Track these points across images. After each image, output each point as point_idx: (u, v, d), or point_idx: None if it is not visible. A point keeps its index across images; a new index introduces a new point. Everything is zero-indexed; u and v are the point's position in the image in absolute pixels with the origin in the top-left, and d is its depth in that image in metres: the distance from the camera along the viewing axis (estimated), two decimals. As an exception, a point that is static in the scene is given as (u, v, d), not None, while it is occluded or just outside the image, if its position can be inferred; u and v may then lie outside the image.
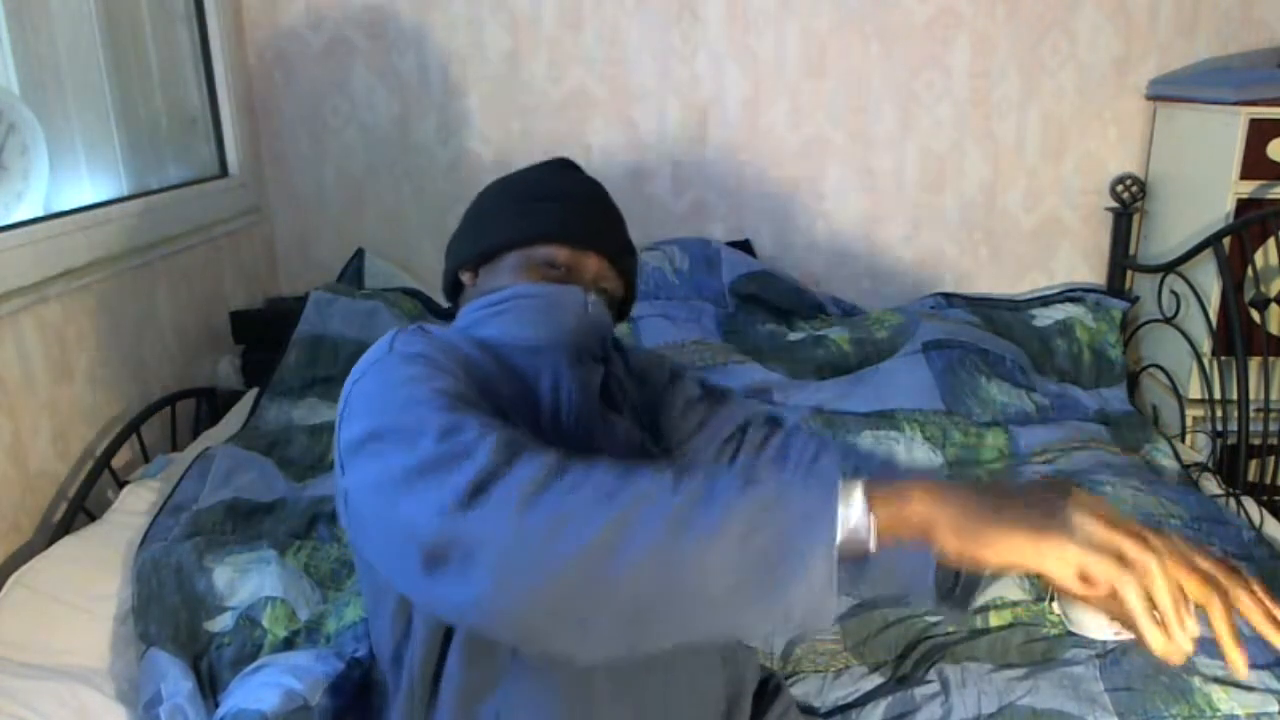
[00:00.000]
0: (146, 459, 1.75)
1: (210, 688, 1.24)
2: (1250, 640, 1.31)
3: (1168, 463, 1.92)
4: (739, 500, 0.64)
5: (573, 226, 1.02)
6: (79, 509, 1.53)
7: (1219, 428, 2.00)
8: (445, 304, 2.30)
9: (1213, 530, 1.61)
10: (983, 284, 2.51)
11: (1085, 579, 0.62)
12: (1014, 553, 0.61)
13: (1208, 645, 1.28)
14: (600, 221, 1.05)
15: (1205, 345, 2.08)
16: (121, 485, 1.63)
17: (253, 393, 2.05)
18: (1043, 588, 1.46)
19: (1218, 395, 2.00)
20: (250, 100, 2.38)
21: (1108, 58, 2.35)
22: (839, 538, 0.62)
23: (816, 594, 0.62)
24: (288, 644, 1.32)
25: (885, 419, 1.99)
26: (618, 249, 1.06)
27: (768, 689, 1.08)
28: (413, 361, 0.83)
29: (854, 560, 0.63)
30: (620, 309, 1.10)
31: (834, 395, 2.12)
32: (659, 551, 0.62)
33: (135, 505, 1.55)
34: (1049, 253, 2.50)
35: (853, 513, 0.63)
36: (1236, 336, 1.92)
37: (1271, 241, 1.99)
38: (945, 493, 0.63)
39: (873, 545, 0.63)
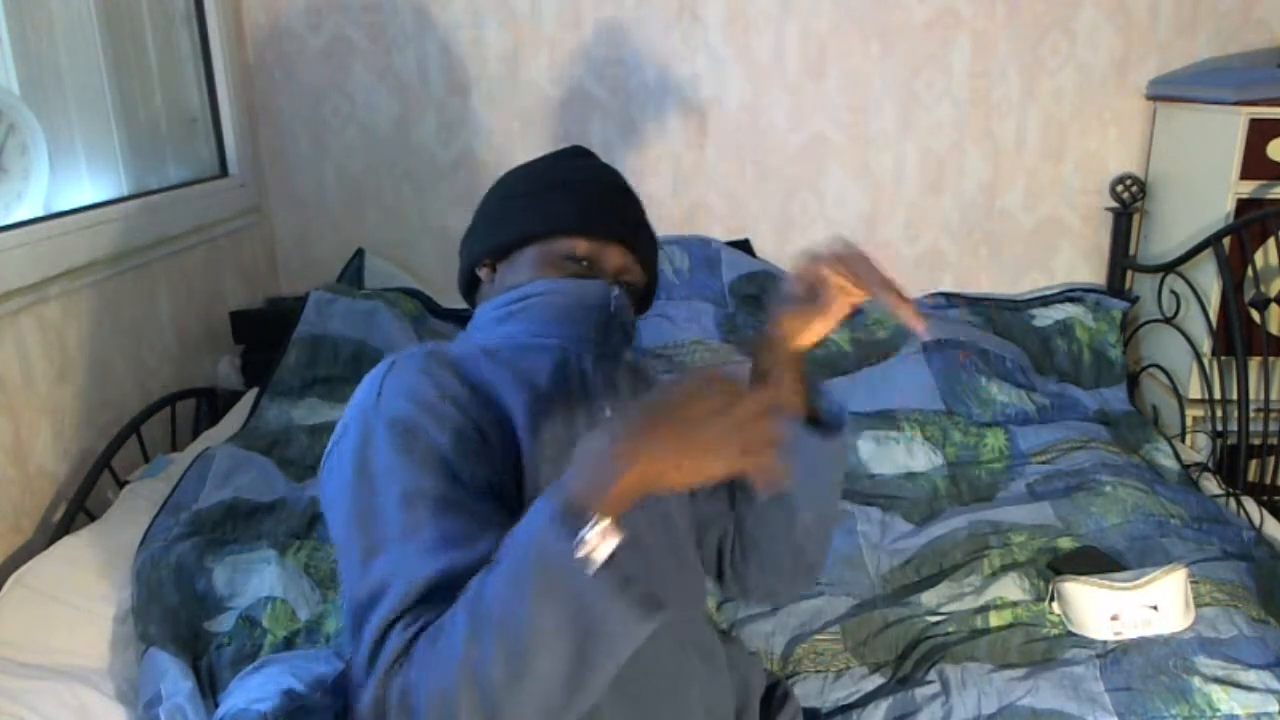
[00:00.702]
0: (146, 459, 1.75)
1: (210, 688, 1.24)
2: (1250, 640, 1.32)
3: (1168, 463, 1.92)
4: (521, 616, 0.65)
5: (593, 217, 0.98)
6: (79, 509, 1.53)
7: (1219, 428, 2.00)
8: (444, 304, 2.31)
9: (1212, 530, 1.61)
10: (983, 284, 2.51)
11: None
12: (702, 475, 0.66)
13: (1207, 645, 1.29)
14: (621, 210, 1.01)
15: (1205, 345, 2.08)
16: (121, 485, 1.63)
17: (253, 393, 2.05)
18: (1042, 589, 1.46)
19: (1218, 395, 2.00)
20: (250, 100, 2.38)
21: (1108, 58, 2.35)
22: (595, 561, 0.64)
23: (623, 620, 0.65)
24: (288, 644, 1.32)
25: (885, 419, 1.99)
26: (639, 238, 1.02)
27: (775, 696, 1.08)
28: (393, 437, 0.80)
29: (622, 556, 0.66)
30: (642, 299, 1.06)
31: (834, 395, 2.12)
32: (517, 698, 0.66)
33: (135, 505, 1.55)
34: (1049, 253, 2.50)
35: (585, 541, 0.64)
36: (1236, 336, 1.92)
37: (1271, 241, 1.99)
38: (624, 461, 0.66)
39: (612, 541, 0.65)
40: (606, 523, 0.65)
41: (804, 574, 1.03)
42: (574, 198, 0.99)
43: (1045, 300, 2.38)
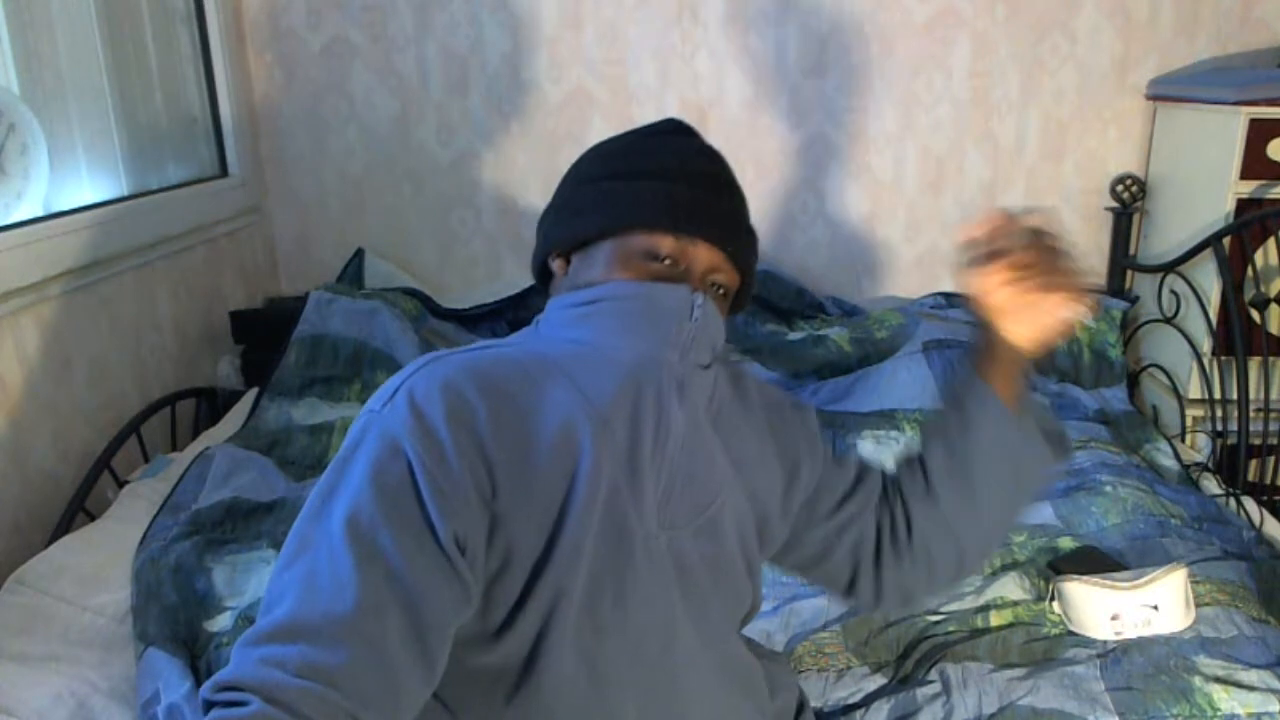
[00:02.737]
0: (146, 459, 1.75)
1: (210, 688, 1.24)
2: (1250, 640, 1.32)
3: (1168, 463, 1.92)
4: None
5: (680, 211, 0.85)
6: (79, 509, 1.53)
7: (1219, 428, 2.00)
8: (444, 304, 2.31)
9: (1212, 530, 1.61)
10: (983, 284, 2.50)
11: None
12: None
13: (1208, 645, 1.29)
14: (714, 204, 0.88)
15: (1205, 345, 2.08)
16: (121, 485, 1.63)
17: (253, 393, 2.05)
18: (1043, 588, 1.46)
19: (1218, 395, 2.00)
20: (250, 100, 2.38)
21: (1108, 58, 2.35)
22: None
23: None
24: (287, 644, 1.31)
25: (885, 419, 1.99)
26: (732, 234, 0.89)
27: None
28: (378, 451, 0.72)
29: None
30: (736, 300, 0.93)
31: (834, 395, 2.12)
32: None
33: (135, 505, 1.55)
34: (1049, 253, 2.49)
35: None
36: (1236, 336, 1.92)
37: (1271, 241, 1.99)
38: None
39: None
40: None
41: (957, 577, 0.99)
42: (660, 187, 0.86)
43: (1045, 300, 2.38)
